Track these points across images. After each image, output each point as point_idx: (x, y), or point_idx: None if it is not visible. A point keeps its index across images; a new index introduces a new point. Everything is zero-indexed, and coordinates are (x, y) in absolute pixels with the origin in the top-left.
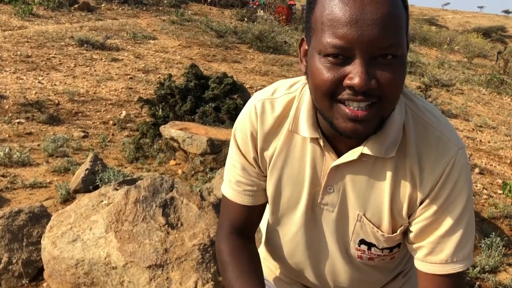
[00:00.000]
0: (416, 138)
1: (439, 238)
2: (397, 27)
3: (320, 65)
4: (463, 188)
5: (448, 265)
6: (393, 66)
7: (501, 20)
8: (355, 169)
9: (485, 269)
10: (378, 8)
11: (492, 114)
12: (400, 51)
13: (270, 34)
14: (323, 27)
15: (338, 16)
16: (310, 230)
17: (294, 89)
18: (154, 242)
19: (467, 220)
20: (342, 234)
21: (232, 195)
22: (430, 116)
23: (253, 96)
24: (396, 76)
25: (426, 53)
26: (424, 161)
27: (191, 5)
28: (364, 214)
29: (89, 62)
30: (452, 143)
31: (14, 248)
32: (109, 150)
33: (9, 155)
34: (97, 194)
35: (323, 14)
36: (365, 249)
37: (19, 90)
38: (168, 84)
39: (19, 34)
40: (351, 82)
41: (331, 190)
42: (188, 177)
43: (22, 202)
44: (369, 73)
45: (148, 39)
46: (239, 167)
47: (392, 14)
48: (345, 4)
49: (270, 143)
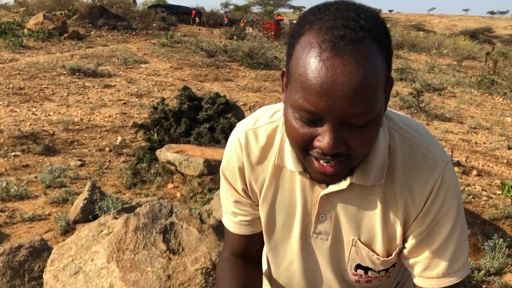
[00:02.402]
0: (403, 158)
1: (433, 253)
2: (371, 94)
3: (293, 120)
4: (453, 201)
5: (445, 278)
6: (365, 127)
7: (487, 21)
8: (345, 197)
9: (490, 271)
10: (351, 79)
11: (485, 115)
12: (373, 114)
13: (260, 51)
14: (296, 84)
15: (310, 82)
16: (305, 259)
17: (276, 118)
18: (157, 269)
19: (460, 230)
20: (337, 261)
21: (230, 226)
22: (413, 133)
23: (236, 127)
24: (367, 138)
25: (415, 59)
26: (413, 180)
27: (180, 26)
28: (359, 239)
29: (82, 90)
30: (439, 158)
31: (16, 285)
32: (106, 177)
33: (7, 189)
34: (96, 224)
35: (297, 71)
36: (362, 273)
37: (13, 122)
38: (161, 107)
39: (10, 67)
40: (319, 145)
41: (323, 218)
42: (187, 200)
43: (22, 236)
44: (338, 138)
45: (140, 63)
46: (232, 200)
47: (365, 83)
48: (317, 70)
49: (258, 174)
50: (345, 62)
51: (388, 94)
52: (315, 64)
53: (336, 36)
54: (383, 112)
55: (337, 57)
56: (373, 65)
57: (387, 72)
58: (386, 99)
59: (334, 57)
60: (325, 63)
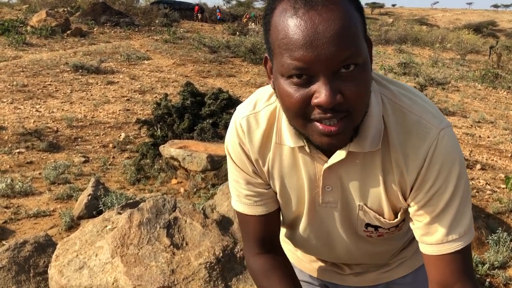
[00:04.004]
0: (396, 125)
1: (432, 219)
2: (353, 37)
3: (286, 87)
4: (452, 168)
5: (443, 244)
6: (355, 76)
7: (491, 15)
8: (347, 166)
9: (495, 265)
10: (330, 25)
11: (489, 109)
12: (361, 59)
13: (263, 46)
14: (281, 50)
15: (293, 39)
16: (317, 226)
17: (274, 99)
18: (161, 264)
19: (460, 198)
20: (348, 222)
21: (246, 209)
22: (407, 100)
23: (236, 111)
24: (360, 86)
25: (419, 53)
26: (406, 147)
27: (182, 23)
28: (365, 204)
29: (85, 86)
30: (433, 125)
31: (22, 280)
32: (110, 173)
33: (11, 186)
34: (100, 219)
35: (278, 37)
36: (372, 230)
37: (17, 120)
38: (164, 103)
39: (14, 64)
40: (318, 100)
41: (329, 189)
42: (190, 195)
43: (27, 233)
44: (333, 88)
45: (142, 59)
46: (243, 183)
47: (345, 26)
48: (297, 26)
49: (264, 157)
50: (321, 12)
51: (370, 52)
52: (294, 22)
53: None
54: (369, 64)
55: (312, 10)
56: (347, 12)
57: (362, 24)
58: (370, 56)
59: (310, 11)
60: (303, 17)
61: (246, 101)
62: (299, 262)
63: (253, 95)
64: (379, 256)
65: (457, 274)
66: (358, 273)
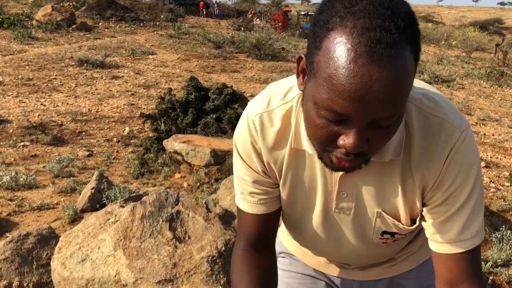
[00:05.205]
0: (418, 130)
1: (446, 219)
2: (403, 98)
3: (316, 117)
4: (470, 169)
5: (455, 244)
6: (389, 130)
7: (497, 12)
8: (364, 173)
9: (498, 263)
10: (386, 87)
11: (494, 107)
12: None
13: (268, 42)
14: (325, 84)
15: (342, 87)
16: (328, 231)
17: (290, 98)
18: (163, 257)
19: (475, 199)
20: (362, 230)
21: (247, 207)
22: (429, 102)
23: (247, 107)
24: (389, 136)
25: (424, 50)
26: (429, 150)
27: (187, 18)
28: (383, 211)
29: (90, 81)
30: (455, 127)
31: (25, 272)
32: (114, 167)
33: (16, 179)
34: (103, 212)
35: (326, 70)
36: (388, 237)
37: (22, 113)
38: (168, 98)
39: (19, 58)
40: (344, 144)
41: (344, 195)
42: (193, 190)
43: (31, 225)
44: (363, 137)
45: (147, 54)
46: (250, 180)
47: (399, 90)
48: (352, 76)
49: (276, 156)
50: (381, 69)
51: None
52: (350, 69)
53: (373, 39)
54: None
55: (373, 64)
56: (407, 69)
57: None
58: None
59: (371, 64)
60: (361, 69)
61: (258, 97)
62: (303, 255)
63: (265, 90)
64: (387, 255)
65: (466, 273)
66: (363, 267)
